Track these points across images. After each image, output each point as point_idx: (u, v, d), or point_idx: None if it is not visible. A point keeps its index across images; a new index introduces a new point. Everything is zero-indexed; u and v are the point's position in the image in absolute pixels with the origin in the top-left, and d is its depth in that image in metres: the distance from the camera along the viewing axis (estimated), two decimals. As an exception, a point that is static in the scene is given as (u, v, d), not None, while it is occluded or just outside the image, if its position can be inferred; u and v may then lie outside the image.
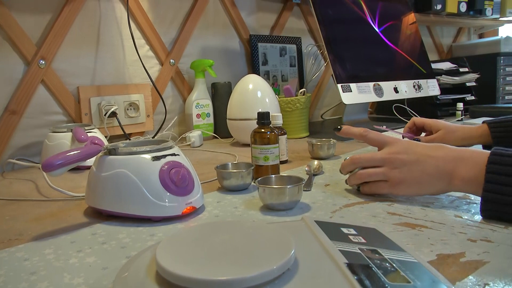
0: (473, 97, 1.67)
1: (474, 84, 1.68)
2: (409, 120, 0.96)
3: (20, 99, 0.96)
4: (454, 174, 0.51)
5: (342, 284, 0.29)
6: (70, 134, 0.90)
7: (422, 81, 1.50)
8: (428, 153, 0.54)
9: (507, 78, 1.87)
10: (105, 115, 1.07)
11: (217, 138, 1.26)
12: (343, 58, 1.27)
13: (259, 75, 1.47)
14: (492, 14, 1.95)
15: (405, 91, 1.41)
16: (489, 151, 0.49)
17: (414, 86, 1.45)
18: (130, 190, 0.52)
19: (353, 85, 1.24)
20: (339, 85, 1.20)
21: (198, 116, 1.27)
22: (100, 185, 0.55)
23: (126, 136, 1.11)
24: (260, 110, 1.00)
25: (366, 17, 1.41)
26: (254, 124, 0.73)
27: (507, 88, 1.88)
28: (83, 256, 0.43)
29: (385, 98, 1.33)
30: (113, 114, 1.09)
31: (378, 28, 1.43)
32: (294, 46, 1.61)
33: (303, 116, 1.22)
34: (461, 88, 1.67)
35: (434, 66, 1.63)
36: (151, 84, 1.18)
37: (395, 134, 1.01)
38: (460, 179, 0.51)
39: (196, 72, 1.27)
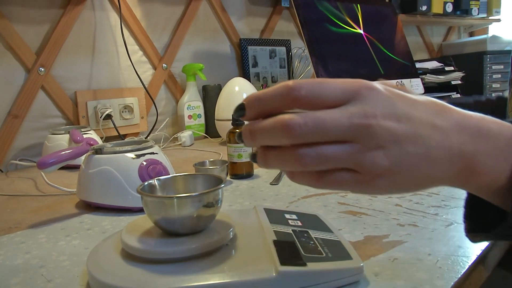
0: (458, 95, 1.73)
1: (459, 82, 1.74)
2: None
3: (22, 104, 1.04)
4: (476, 162, 0.30)
5: (264, 255, 0.36)
6: (67, 136, 0.98)
7: (405, 81, 1.56)
8: (432, 121, 0.30)
9: (493, 76, 1.93)
10: (100, 117, 1.16)
11: (207, 137, 1.34)
12: (325, 59, 1.34)
13: (250, 77, 1.55)
14: (478, 14, 2.00)
15: (388, 91, 1.47)
16: None
17: (397, 85, 1.51)
18: (113, 184, 0.60)
19: (335, 86, 1.31)
20: (321, 86, 1.27)
21: (190, 117, 1.34)
22: (88, 181, 0.62)
23: (121, 137, 1.19)
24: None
25: (349, 18, 1.47)
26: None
27: (493, 85, 1.93)
28: (69, 240, 0.51)
29: (367, 97, 1.39)
30: (108, 116, 1.17)
31: (361, 29, 1.50)
32: (283, 48, 1.68)
33: (287, 116, 1.29)
34: (447, 87, 1.73)
35: (420, 65, 1.69)
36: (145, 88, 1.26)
37: None
38: (484, 172, 0.30)
39: (188, 76, 1.35)
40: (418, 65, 1.69)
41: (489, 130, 0.30)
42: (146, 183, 0.41)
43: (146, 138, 1.24)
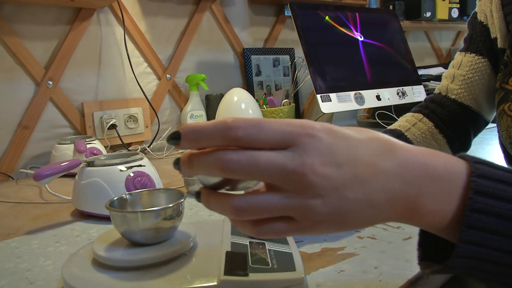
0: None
1: (463, 88, 1.74)
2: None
3: (31, 115, 1.12)
4: (419, 204, 0.30)
5: (214, 265, 0.40)
6: (73, 145, 1.05)
7: (407, 88, 1.57)
8: (375, 163, 0.30)
9: (501, 82, 1.91)
10: (106, 127, 1.22)
11: (209, 145, 1.39)
12: (323, 69, 1.36)
13: (253, 86, 1.60)
14: (486, 19, 1.99)
15: (388, 98, 1.49)
16: (467, 164, 0.31)
17: (398, 93, 1.53)
18: (102, 194, 0.65)
19: (332, 95, 1.34)
20: (318, 96, 1.30)
21: (192, 125, 1.39)
22: (80, 191, 0.68)
23: (125, 146, 1.25)
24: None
25: (347, 28, 1.50)
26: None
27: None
28: (58, 246, 0.57)
29: (366, 106, 1.42)
30: (113, 126, 1.23)
31: (360, 38, 1.52)
32: (287, 57, 1.72)
33: (285, 124, 1.33)
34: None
35: (424, 71, 1.69)
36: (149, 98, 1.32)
37: None
38: (427, 214, 0.30)
39: (191, 86, 1.40)
40: (422, 71, 1.70)
41: (434, 171, 0.30)
42: (115, 197, 0.46)
43: (149, 146, 1.30)
